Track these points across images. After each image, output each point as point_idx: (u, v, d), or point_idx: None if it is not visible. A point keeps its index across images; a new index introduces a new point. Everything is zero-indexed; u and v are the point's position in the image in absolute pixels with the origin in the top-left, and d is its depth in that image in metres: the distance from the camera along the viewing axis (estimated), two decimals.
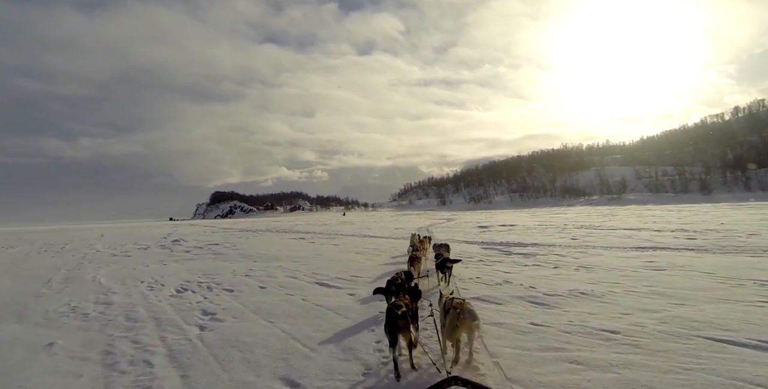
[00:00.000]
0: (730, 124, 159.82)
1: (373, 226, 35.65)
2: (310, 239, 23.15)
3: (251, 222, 68.14)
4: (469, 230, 25.06)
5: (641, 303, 6.38)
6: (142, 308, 7.54)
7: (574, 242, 15.77)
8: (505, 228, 24.72)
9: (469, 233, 22.67)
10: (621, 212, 46.20)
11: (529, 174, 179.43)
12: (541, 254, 12.52)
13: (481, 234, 21.71)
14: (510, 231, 22.75)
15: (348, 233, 27.29)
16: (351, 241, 20.94)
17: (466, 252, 13.93)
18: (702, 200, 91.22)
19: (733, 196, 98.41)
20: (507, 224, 27.38)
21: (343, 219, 62.84)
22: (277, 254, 15.66)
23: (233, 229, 41.16)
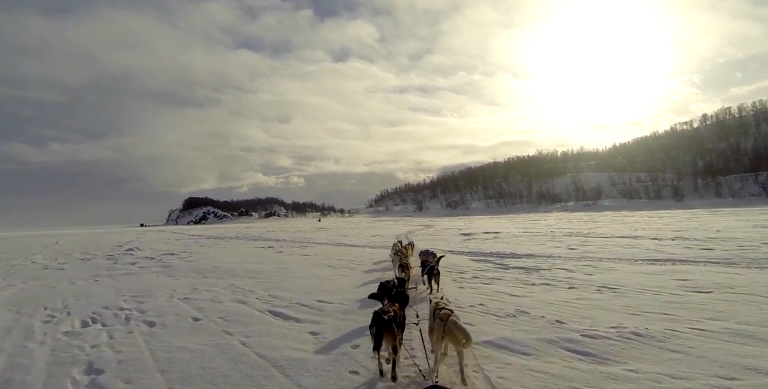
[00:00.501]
0: (698, 131, 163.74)
1: (348, 233, 33.49)
2: (279, 248, 20.91)
3: (223, 229, 65.01)
4: (451, 238, 23.18)
5: (735, 352, 4.43)
6: (2, 359, 5.25)
7: (573, 252, 13.98)
8: (490, 236, 22.95)
9: (452, 242, 20.78)
10: (601, 218, 45.16)
11: (506, 180, 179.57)
12: (544, 269, 10.62)
13: (466, 243, 19.84)
14: (496, 239, 20.96)
15: (321, 240, 25.08)
16: (323, 251, 18.79)
17: (455, 266, 11.95)
18: (674, 207, 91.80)
19: (705, 202, 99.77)
20: (491, 232, 25.61)
21: (318, 225, 60.42)
22: (235, 267, 13.39)
23: (201, 236, 38.46)
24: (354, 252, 17.47)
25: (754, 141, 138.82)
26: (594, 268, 10.50)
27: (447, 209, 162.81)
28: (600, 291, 7.73)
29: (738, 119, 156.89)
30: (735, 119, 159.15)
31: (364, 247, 19.92)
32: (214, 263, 14.59)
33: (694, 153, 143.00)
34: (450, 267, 11.66)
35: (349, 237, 27.28)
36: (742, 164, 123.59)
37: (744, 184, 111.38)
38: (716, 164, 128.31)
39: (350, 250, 18.63)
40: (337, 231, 37.42)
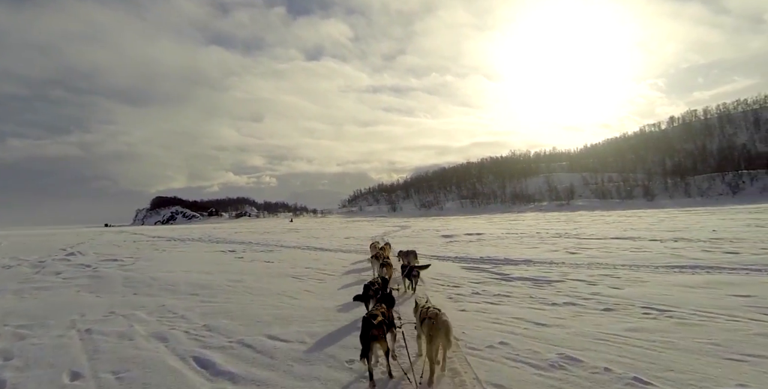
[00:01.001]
0: (666, 133, 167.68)
1: (320, 235, 31.21)
2: (242, 252, 18.58)
3: (189, 229, 61.63)
4: (432, 240, 21.24)
5: None
6: None
7: (576, 258, 12.16)
8: (473, 238, 21.14)
9: (433, 245, 18.84)
10: (579, 218, 44.27)
11: (479, 181, 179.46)
12: (556, 280, 8.71)
13: (449, 246, 17.93)
14: (481, 242, 19.16)
15: (290, 243, 22.76)
16: (290, 255, 16.54)
17: (445, 276, 9.95)
18: (646, 206, 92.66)
19: (675, 202, 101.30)
20: (472, 233, 23.78)
21: (290, 226, 57.81)
22: (178, 279, 11.01)
23: (162, 237, 35.66)
24: (325, 258, 15.29)
25: (718, 142, 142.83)
26: (616, 279, 8.64)
27: (421, 210, 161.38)
28: (651, 316, 5.80)
29: (703, 122, 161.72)
30: (701, 121, 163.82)
31: (336, 251, 17.77)
32: (155, 273, 12.15)
33: (662, 154, 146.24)
34: (440, 278, 9.66)
35: (321, 240, 25.04)
36: (708, 165, 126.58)
37: (711, 184, 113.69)
38: (684, 164, 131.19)
39: (320, 255, 16.44)
40: (308, 233, 35.08)
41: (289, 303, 7.69)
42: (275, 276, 11.06)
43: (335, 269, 12.10)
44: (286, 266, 13.03)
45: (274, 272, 11.74)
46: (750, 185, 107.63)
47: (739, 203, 79.64)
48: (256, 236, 31.45)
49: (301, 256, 16.21)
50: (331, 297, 8.08)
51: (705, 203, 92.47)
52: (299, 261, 14.33)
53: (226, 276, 11.17)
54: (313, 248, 19.14)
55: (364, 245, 18.71)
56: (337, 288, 9.09)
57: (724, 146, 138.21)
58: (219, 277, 11.11)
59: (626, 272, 9.45)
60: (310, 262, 13.96)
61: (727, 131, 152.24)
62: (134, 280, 11.06)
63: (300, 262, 14.07)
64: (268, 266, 13.27)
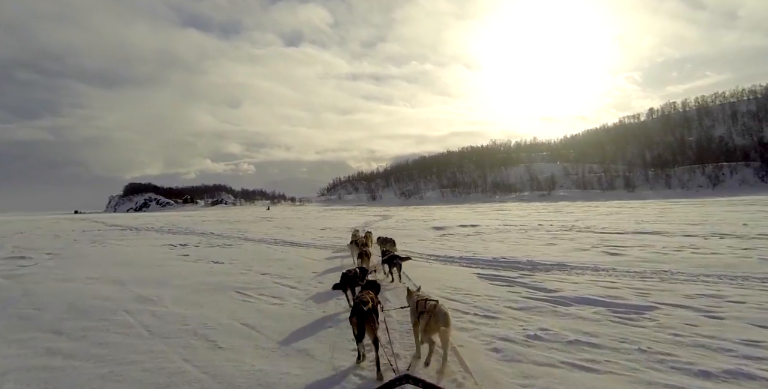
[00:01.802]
0: (645, 125, 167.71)
1: (294, 224, 27.75)
2: (193, 247, 15.25)
3: (154, 218, 57.21)
4: (422, 233, 18.03)
5: None
6: None
7: (623, 261, 9.13)
8: (470, 231, 18.01)
9: (426, 239, 15.69)
10: (567, 208, 42.08)
11: (460, 170, 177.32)
12: (646, 308, 5.52)
13: (446, 242, 14.76)
14: (480, 236, 16.09)
15: (257, 235, 19.34)
16: (251, 253, 13.19)
17: (464, 293, 6.76)
18: (627, 197, 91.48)
19: (656, 193, 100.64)
20: (467, 225, 20.60)
21: (264, 215, 54.00)
22: (69, 291, 7.61)
23: (118, 227, 32.38)
24: (292, 256, 11.97)
25: (697, 135, 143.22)
26: (740, 305, 5.54)
27: (401, 198, 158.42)
28: None
29: (682, 114, 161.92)
30: (679, 113, 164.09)
31: (308, 247, 14.45)
32: (44, 283, 8.69)
33: (642, 145, 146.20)
34: (456, 295, 6.59)
35: (293, 231, 21.65)
36: (687, 157, 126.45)
37: (691, 176, 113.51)
38: (664, 156, 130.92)
39: (288, 251, 13.13)
40: (282, 222, 31.61)
41: (202, 363, 4.33)
42: (212, 290, 7.65)
43: (302, 276, 8.81)
44: (237, 271, 9.64)
45: (213, 283, 8.30)
46: (729, 177, 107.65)
47: (719, 195, 78.65)
48: (223, 226, 27.87)
49: (263, 253, 12.84)
50: (288, 340, 4.78)
51: (686, 194, 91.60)
52: (258, 262, 10.96)
53: (140, 290, 7.71)
54: (281, 243, 15.75)
55: (342, 240, 15.48)
56: (302, 316, 5.78)
57: (703, 138, 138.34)
58: (128, 291, 7.66)
59: (738, 290, 6.37)
60: (272, 264, 10.59)
61: (705, 124, 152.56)
62: (10, 299, 7.55)
63: (258, 263, 10.69)
64: (212, 271, 9.85)
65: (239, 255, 12.53)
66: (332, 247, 13.88)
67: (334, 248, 13.67)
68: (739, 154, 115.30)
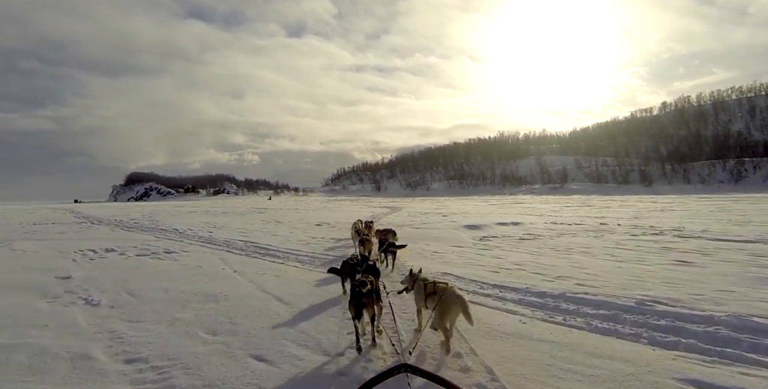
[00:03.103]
0: (659, 118, 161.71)
1: (286, 218, 23.36)
2: (119, 254, 10.86)
3: (140, 207, 53.49)
4: (453, 234, 13.39)
5: None
6: None
7: None
8: (519, 232, 13.46)
9: (464, 244, 11.37)
10: (593, 201, 37.91)
11: (467, 161, 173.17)
12: None
13: (497, 251, 10.16)
14: (544, 242, 11.38)
15: (229, 235, 14.86)
16: (201, 263, 8.89)
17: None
18: (644, 192, 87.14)
19: (674, 188, 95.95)
20: (507, 223, 15.94)
21: (260, 205, 49.87)
22: None
23: (84, 218, 28.41)
24: (244, 289, 7.25)
25: (713, 130, 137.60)
26: None
27: (407, 189, 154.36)
28: None
29: (697, 108, 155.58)
30: (694, 107, 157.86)
31: (286, 255, 10.06)
32: None
33: (656, 140, 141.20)
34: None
35: (280, 228, 17.33)
36: (703, 152, 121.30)
37: (711, 171, 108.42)
38: (681, 150, 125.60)
39: (244, 274, 8.49)
40: (274, 215, 27.30)
41: None
42: None
43: (248, 326, 4.51)
44: (99, 346, 5.32)
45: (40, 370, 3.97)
46: (752, 173, 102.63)
47: (743, 191, 74.23)
48: (200, 220, 23.64)
49: (201, 280, 8.15)
50: None
51: (706, 190, 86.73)
52: (183, 293, 6.59)
53: None
54: (251, 250, 11.22)
55: (343, 248, 11.13)
56: None
57: (720, 133, 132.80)
58: None
59: None
60: (196, 313, 6.10)
61: (721, 118, 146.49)
62: None
63: (182, 297, 6.36)
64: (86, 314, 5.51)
65: (157, 284, 8.06)
66: (322, 261, 9.38)
67: (324, 261, 9.26)
68: (761, 149, 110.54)
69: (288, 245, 11.56)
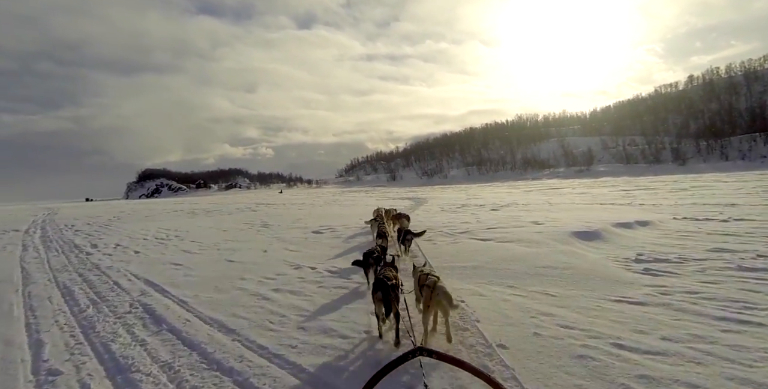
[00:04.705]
0: (686, 93, 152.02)
1: (281, 219, 17.88)
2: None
3: (146, 205, 48.68)
4: (602, 268, 7.92)
5: None
6: None
7: None
8: (697, 245, 7.97)
9: (631, 287, 5.74)
10: (641, 182, 31.63)
11: (485, 147, 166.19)
12: None
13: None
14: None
15: (201, 242, 9.67)
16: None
17: None
18: (679, 171, 79.35)
19: (710, 165, 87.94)
20: (628, 223, 9.93)
21: (265, 201, 44.76)
22: None
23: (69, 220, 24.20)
24: None
25: (747, 102, 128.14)
26: None
27: (423, 178, 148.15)
28: None
29: (727, 80, 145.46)
30: (723, 80, 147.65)
31: (272, 288, 4.67)
32: None
33: (684, 115, 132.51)
34: None
35: (258, 238, 11.94)
36: (737, 125, 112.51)
37: (752, 145, 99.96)
38: (716, 124, 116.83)
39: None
40: (267, 213, 22.06)
41: None
42: None
43: None
44: None
45: None
46: None
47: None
48: (170, 224, 18.48)
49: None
50: None
51: (748, 166, 78.77)
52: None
53: None
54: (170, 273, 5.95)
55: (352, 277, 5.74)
56: None
57: (756, 105, 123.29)
58: None
59: None
60: None
61: (755, 89, 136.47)
62: None
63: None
64: None
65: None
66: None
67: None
68: None
69: (270, 273, 6.16)
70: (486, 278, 6.01)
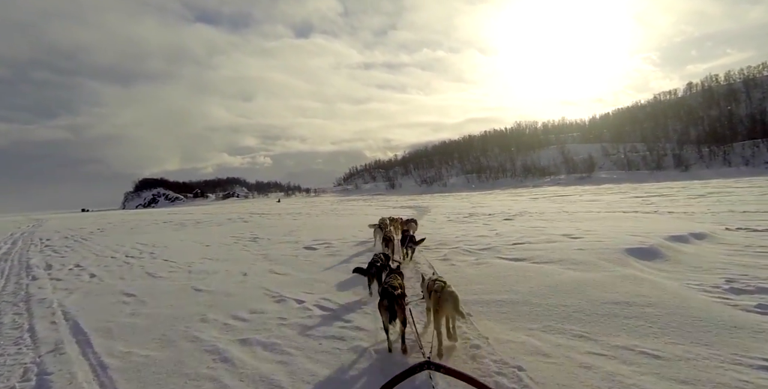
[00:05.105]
0: (685, 99, 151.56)
1: (273, 232, 16.13)
2: None
3: (136, 215, 46.84)
4: (696, 304, 6.29)
5: None
6: None
7: None
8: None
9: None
10: (628, 192, 29.64)
11: (483, 154, 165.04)
12: None
13: None
14: None
15: (174, 262, 7.98)
16: None
17: None
18: (682, 177, 78.00)
19: (714, 172, 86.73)
20: (682, 236, 8.14)
21: (260, 210, 43.07)
22: None
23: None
24: None
25: (747, 108, 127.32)
26: None
27: (422, 186, 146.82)
28: None
29: (727, 87, 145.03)
30: (723, 86, 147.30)
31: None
32: None
33: (684, 122, 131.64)
34: None
35: (243, 255, 10.25)
36: (738, 132, 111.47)
37: (755, 151, 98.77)
38: (717, 131, 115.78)
39: None
40: (259, 224, 20.40)
41: None
42: None
43: None
44: None
45: None
46: None
47: None
48: (168, 236, 16.81)
49: None
50: None
51: (752, 172, 77.63)
52: None
53: None
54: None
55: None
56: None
57: (756, 111, 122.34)
58: None
59: None
60: None
61: (755, 96, 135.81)
62: None
63: None
64: None
65: None
66: None
67: None
68: None
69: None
70: (538, 320, 4.31)
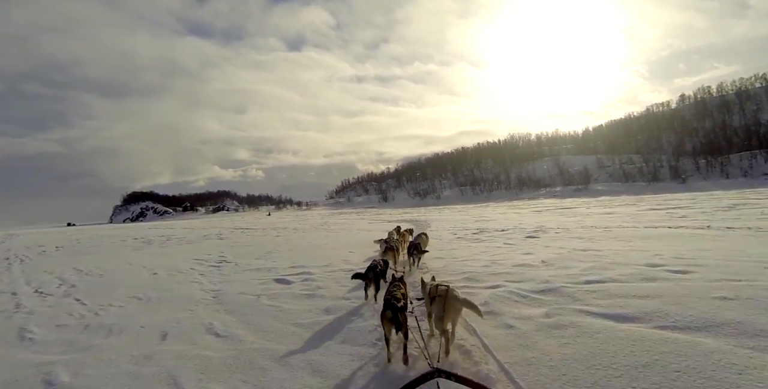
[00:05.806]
0: (679, 111, 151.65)
1: (249, 252, 13.47)
2: None
3: (118, 229, 43.80)
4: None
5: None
6: None
7: None
8: None
9: None
10: (638, 204, 27.00)
11: (477, 166, 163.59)
12: None
13: None
14: None
15: (86, 304, 5.25)
16: None
17: None
18: (680, 189, 75.97)
19: (712, 183, 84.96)
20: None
21: (244, 225, 40.22)
22: None
23: None
24: None
25: (741, 120, 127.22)
26: None
27: (415, 199, 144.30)
28: None
29: (719, 99, 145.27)
30: (715, 98, 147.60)
31: None
32: None
33: (679, 133, 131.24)
34: None
35: (223, 269, 7.59)
36: (733, 143, 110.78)
37: (753, 163, 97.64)
38: (712, 142, 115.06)
39: None
40: (235, 242, 17.62)
41: None
42: None
43: None
44: None
45: None
46: None
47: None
48: (120, 259, 14.15)
49: None
50: None
51: (751, 184, 76.07)
52: None
53: None
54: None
55: None
56: None
57: (750, 123, 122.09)
58: None
59: None
60: None
61: (748, 108, 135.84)
62: None
63: None
64: None
65: None
66: None
67: None
68: None
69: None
70: None
